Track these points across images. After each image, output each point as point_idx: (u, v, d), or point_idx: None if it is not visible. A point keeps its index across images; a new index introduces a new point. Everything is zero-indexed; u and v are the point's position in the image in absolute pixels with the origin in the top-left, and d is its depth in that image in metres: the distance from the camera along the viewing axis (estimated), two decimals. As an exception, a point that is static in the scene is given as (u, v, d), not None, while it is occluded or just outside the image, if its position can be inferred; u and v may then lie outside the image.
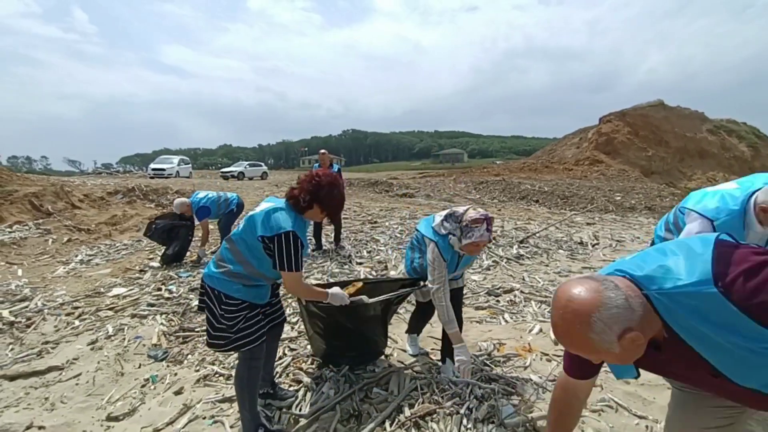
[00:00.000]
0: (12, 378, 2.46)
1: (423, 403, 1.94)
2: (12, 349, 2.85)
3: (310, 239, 5.47)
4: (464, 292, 3.88)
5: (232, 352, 2.57)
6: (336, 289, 2.00)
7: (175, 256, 4.94)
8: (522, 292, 3.96)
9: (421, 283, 2.25)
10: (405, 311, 3.30)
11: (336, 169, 5.44)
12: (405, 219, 8.24)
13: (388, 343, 2.66)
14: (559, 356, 2.54)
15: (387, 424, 1.86)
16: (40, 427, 2.01)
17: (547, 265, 5.03)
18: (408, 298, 2.72)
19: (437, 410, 1.85)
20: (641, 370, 0.97)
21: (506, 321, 3.27)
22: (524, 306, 3.63)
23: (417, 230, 2.26)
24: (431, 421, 1.81)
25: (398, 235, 6.56)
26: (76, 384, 2.41)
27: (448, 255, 2.07)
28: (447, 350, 2.35)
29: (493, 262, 5.06)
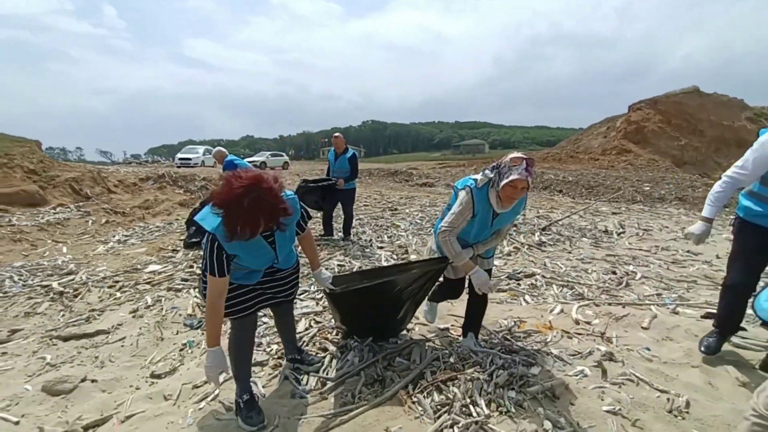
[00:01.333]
0: (65, 339, 2.69)
1: (444, 370, 2.02)
2: (63, 315, 3.11)
3: (313, 228, 5.43)
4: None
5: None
6: (218, 352, 1.65)
7: (197, 233, 4.97)
8: (543, 276, 3.95)
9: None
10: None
11: (350, 154, 5.14)
12: (425, 206, 8.27)
13: (410, 318, 2.75)
14: (580, 335, 2.56)
15: (410, 388, 1.95)
16: (92, 380, 2.20)
17: (569, 252, 4.97)
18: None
19: (458, 376, 1.92)
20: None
21: (527, 302, 3.29)
22: (545, 289, 3.63)
23: (454, 189, 2.10)
24: (452, 386, 1.88)
25: (418, 222, 6.61)
26: (122, 346, 2.62)
27: (480, 207, 1.93)
28: (468, 325, 2.41)
29: (514, 248, 5.05)
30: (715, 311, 2.47)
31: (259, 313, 2.14)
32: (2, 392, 2.10)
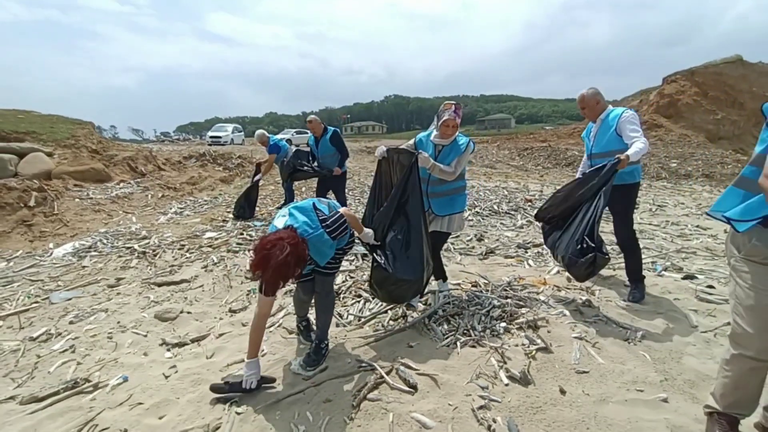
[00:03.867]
0: (159, 285, 3.48)
1: (452, 308, 2.61)
2: (150, 269, 3.90)
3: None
4: (496, 246, 4.41)
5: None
6: (252, 364, 1.96)
7: (244, 206, 5.74)
8: (549, 245, 4.41)
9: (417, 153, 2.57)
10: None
11: (331, 133, 4.90)
12: (445, 183, 8.69)
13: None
14: (570, 289, 3.08)
15: (426, 320, 2.56)
16: (188, 312, 2.95)
17: (578, 225, 5.36)
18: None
19: (463, 312, 2.51)
20: None
21: (530, 265, 3.80)
22: (549, 257, 4.10)
23: None
24: (458, 318, 2.48)
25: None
26: (202, 291, 3.36)
27: (421, 145, 2.73)
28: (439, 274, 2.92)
29: (527, 221, 5.49)
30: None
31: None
32: (128, 317, 2.89)
